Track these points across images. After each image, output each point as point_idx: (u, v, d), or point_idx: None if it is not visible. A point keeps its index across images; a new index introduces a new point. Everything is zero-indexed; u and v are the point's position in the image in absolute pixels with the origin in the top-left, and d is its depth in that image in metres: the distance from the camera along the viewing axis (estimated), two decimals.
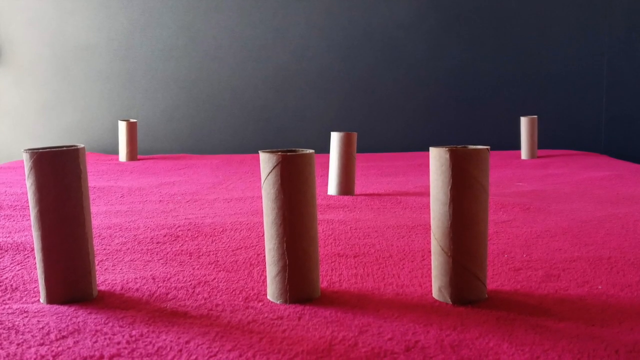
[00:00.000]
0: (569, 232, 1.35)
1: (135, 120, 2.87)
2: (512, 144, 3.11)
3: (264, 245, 1.24)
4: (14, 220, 1.53)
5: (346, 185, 1.88)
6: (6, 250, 1.22)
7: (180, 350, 0.74)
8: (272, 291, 0.93)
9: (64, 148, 0.90)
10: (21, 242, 1.27)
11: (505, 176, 2.26)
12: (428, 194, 1.84)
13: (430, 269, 1.08)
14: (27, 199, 1.71)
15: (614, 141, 3.26)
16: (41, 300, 0.93)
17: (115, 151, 3.19)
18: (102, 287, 1.00)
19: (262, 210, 1.52)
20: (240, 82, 3.26)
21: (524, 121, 2.77)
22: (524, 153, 2.80)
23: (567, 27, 3.22)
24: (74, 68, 3.27)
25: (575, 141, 3.23)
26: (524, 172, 2.36)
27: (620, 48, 3.22)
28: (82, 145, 0.92)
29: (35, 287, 1.00)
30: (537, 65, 3.24)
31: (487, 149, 0.89)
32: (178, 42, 3.25)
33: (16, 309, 0.89)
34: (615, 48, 3.22)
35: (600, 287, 0.98)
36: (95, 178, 2.27)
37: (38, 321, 0.84)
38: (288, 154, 0.89)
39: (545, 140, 3.10)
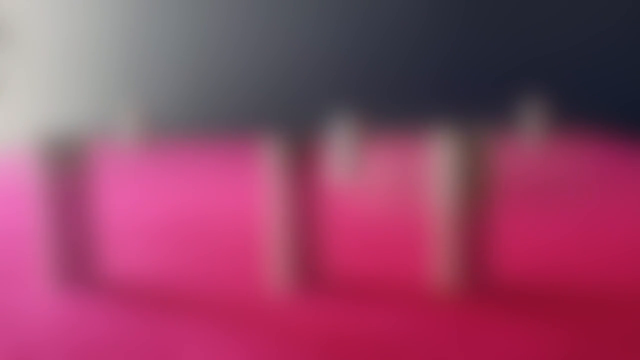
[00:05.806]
0: (575, 222, 1.35)
1: (143, 110, 2.87)
2: (518, 133, 3.10)
3: (271, 235, 1.24)
4: (19, 207, 1.53)
5: (351, 174, 1.88)
6: (12, 237, 1.22)
7: (187, 339, 0.75)
8: (278, 280, 0.93)
9: (71, 136, 0.90)
10: (27, 229, 1.28)
11: (511, 167, 2.25)
12: (433, 184, 1.84)
13: (435, 259, 1.08)
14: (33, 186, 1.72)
15: (621, 130, 3.24)
16: (46, 286, 0.94)
17: (123, 140, 3.19)
18: (108, 275, 1.00)
19: (268, 199, 1.52)
20: (244, 71, 3.25)
21: (529, 110, 2.76)
22: (529, 143, 2.79)
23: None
24: (80, 57, 3.26)
25: (582, 130, 3.21)
26: (530, 163, 2.34)
27: None
28: (89, 134, 0.92)
29: (40, 273, 1.00)
30: (543, 53, 3.21)
31: (492, 138, 0.89)
32: (183, 31, 3.23)
33: (21, 295, 0.90)
34: None
35: (605, 276, 0.98)
36: (103, 167, 2.28)
37: (43, 307, 0.84)
38: (293, 142, 0.89)
39: (551, 130, 3.08)
